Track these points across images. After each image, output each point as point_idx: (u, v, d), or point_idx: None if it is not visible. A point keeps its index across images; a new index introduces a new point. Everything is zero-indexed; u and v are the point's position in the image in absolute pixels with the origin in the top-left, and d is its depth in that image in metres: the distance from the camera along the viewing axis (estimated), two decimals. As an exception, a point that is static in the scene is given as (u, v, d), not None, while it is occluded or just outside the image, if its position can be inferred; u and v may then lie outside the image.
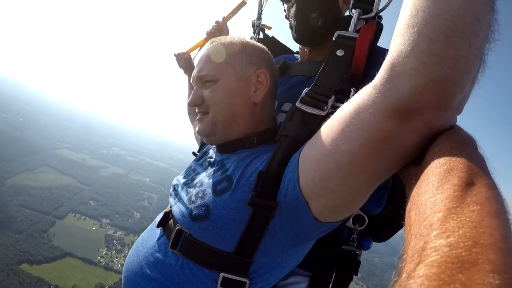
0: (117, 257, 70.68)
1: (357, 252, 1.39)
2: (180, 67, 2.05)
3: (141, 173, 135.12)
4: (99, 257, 69.36)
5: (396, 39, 0.72)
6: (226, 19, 2.06)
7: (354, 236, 1.37)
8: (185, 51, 2.03)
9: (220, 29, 2.02)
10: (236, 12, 2.12)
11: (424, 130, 0.72)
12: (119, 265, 67.80)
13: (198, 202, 1.14)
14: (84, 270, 64.32)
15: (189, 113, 1.96)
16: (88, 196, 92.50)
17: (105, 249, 72.87)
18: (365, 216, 1.31)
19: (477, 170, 0.54)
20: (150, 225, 1.37)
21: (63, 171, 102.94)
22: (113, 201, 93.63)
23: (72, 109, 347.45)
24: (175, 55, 2.05)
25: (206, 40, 2.00)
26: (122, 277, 1.25)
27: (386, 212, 1.42)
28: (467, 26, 0.63)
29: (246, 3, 2.15)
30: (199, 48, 2.04)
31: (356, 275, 1.40)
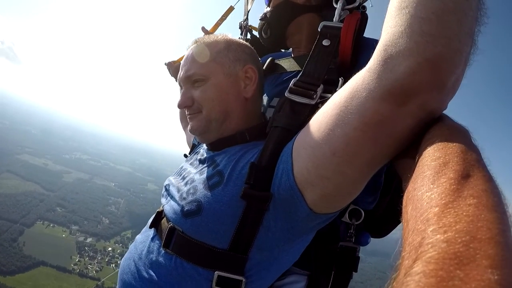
0: (90, 264, 69.54)
1: (356, 248, 1.37)
2: (172, 76, 2.01)
3: (105, 178, 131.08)
4: (72, 265, 67.90)
5: (388, 22, 0.72)
6: (215, 27, 2.03)
7: (351, 231, 1.35)
8: (175, 59, 1.99)
9: None
10: (225, 18, 2.12)
11: (419, 113, 0.71)
12: (94, 272, 67.32)
13: (190, 198, 1.11)
14: (59, 279, 62.96)
15: (181, 120, 1.94)
16: (54, 202, 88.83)
17: (78, 256, 71.19)
18: (361, 210, 1.31)
19: (473, 162, 0.54)
20: (144, 228, 1.34)
21: (26, 177, 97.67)
22: (80, 207, 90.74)
23: (30, 110, 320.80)
24: (165, 64, 2.03)
25: None
26: (118, 280, 1.23)
27: (383, 205, 1.44)
28: (457, 5, 0.64)
29: (234, 8, 2.15)
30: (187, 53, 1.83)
31: (356, 271, 1.38)
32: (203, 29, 2.02)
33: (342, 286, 1.39)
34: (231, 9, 2.21)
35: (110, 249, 75.40)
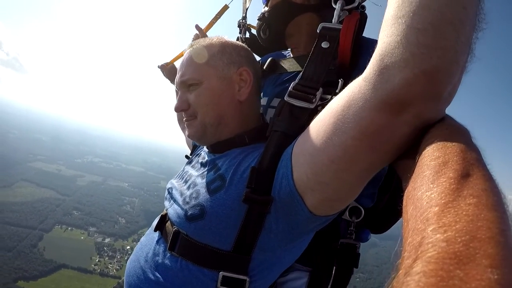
0: (110, 263, 70.91)
1: (356, 245, 1.39)
2: (166, 77, 2.03)
3: (118, 179, 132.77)
4: (93, 265, 69.24)
5: (385, 30, 0.71)
6: (209, 25, 2.03)
7: (352, 228, 1.36)
8: (168, 61, 2.00)
9: (202, 35, 1.92)
10: (219, 17, 2.10)
11: (415, 122, 0.71)
12: (114, 271, 68.48)
13: (193, 202, 1.13)
14: (81, 280, 64.27)
15: (179, 122, 1.95)
16: (70, 206, 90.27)
17: (98, 256, 72.58)
18: (361, 208, 1.32)
19: (472, 161, 0.54)
20: (148, 230, 1.37)
21: (41, 184, 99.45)
22: (96, 209, 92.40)
23: (39, 118, 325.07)
24: (159, 66, 2.03)
25: None
26: (124, 283, 1.25)
27: (383, 203, 1.45)
28: (455, 15, 0.62)
29: (228, 7, 2.13)
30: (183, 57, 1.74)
31: (357, 267, 1.41)
32: (197, 26, 1.95)
33: (343, 281, 1.41)
34: (225, 8, 2.13)
35: (128, 247, 76.30)
